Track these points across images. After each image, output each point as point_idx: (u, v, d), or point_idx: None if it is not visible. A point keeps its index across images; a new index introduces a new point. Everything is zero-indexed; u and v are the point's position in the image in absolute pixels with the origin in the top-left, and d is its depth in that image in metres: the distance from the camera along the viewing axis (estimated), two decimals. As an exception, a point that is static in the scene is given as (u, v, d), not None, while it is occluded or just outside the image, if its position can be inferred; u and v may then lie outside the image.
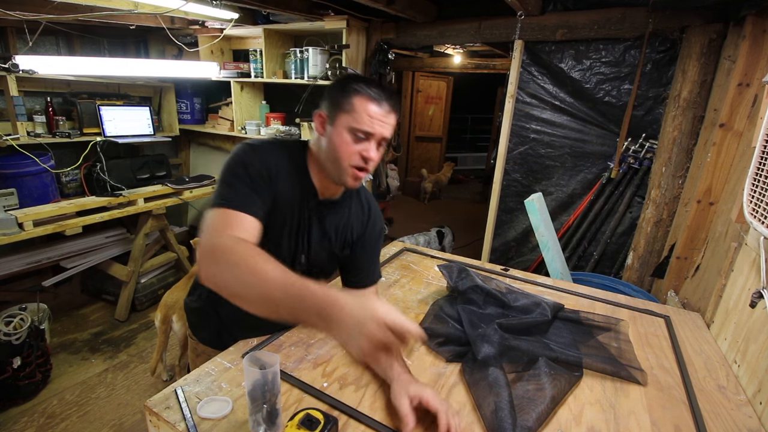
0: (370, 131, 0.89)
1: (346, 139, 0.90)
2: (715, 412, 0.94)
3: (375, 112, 0.89)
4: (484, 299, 1.28)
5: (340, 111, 0.90)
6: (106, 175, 2.73)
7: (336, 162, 0.93)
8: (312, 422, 0.74)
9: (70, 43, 3.03)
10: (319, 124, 0.96)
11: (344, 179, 0.94)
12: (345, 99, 0.90)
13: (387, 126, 0.92)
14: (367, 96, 0.89)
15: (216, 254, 0.75)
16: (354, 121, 0.89)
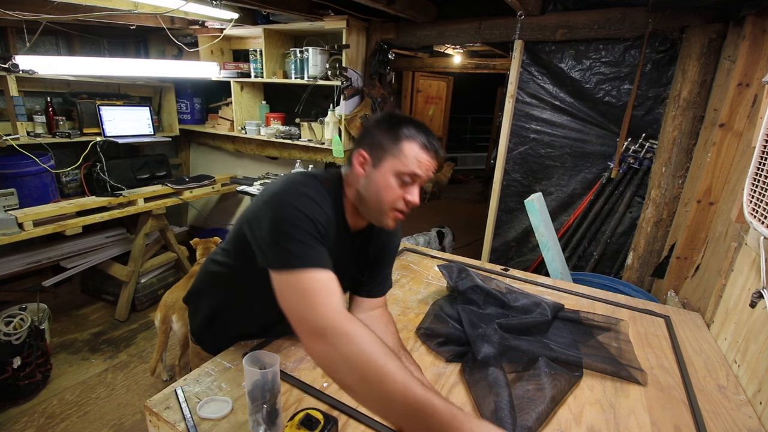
0: (418, 174, 0.88)
1: (391, 184, 0.88)
2: (715, 412, 0.94)
3: (425, 159, 0.88)
4: (484, 299, 1.28)
5: (387, 155, 0.88)
6: (106, 175, 2.73)
7: (378, 205, 0.90)
8: (312, 422, 0.74)
9: (70, 43, 3.03)
10: (359, 164, 0.91)
11: (384, 222, 0.92)
12: (394, 143, 0.88)
13: (432, 171, 0.91)
14: (418, 142, 0.88)
15: (330, 339, 0.69)
16: (402, 165, 0.87)
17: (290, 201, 0.80)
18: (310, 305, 0.71)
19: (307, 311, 0.71)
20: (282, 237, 0.76)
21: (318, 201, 0.83)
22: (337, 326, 0.69)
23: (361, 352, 0.67)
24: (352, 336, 0.68)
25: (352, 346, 0.67)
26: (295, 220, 0.78)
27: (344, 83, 2.66)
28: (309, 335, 0.71)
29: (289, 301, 0.74)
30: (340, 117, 2.77)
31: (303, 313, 0.72)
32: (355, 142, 0.95)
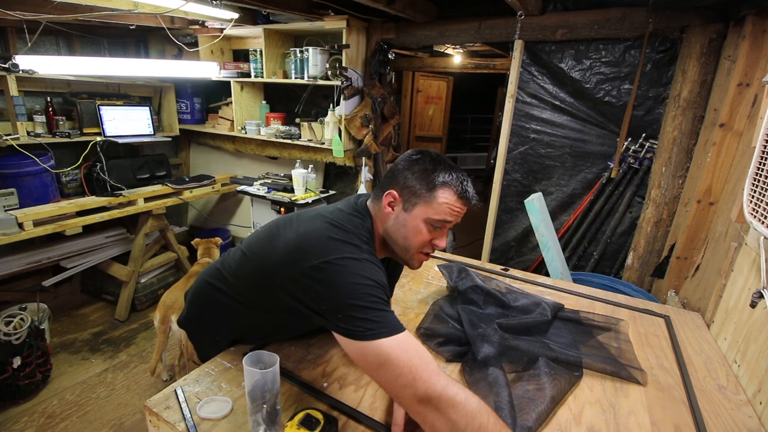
0: (450, 221, 0.87)
1: (421, 230, 0.87)
2: (715, 412, 0.94)
3: (458, 207, 0.87)
4: (484, 299, 1.28)
5: (420, 200, 0.86)
6: (106, 175, 2.73)
7: (405, 249, 0.90)
8: (312, 422, 0.74)
9: (70, 43, 3.03)
10: (388, 204, 0.90)
11: (409, 263, 0.93)
12: (428, 190, 0.86)
13: (461, 216, 0.90)
14: (453, 190, 0.86)
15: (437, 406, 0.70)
16: (435, 213, 0.86)
17: (355, 271, 0.77)
18: (411, 374, 0.70)
19: (408, 380, 0.70)
20: (358, 309, 0.74)
21: (375, 262, 0.82)
22: (442, 394, 0.70)
23: (470, 418, 0.68)
24: (458, 403, 0.69)
25: (460, 413, 0.69)
26: (368, 290, 0.76)
27: (344, 83, 2.66)
28: (416, 404, 0.71)
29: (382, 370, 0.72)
30: (340, 117, 2.77)
31: (402, 382, 0.71)
32: (386, 180, 0.92)
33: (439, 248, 0.90)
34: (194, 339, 1.16)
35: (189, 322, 1.15)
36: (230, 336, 1.07)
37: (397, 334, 0.73)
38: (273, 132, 3.07)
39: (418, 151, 0.92)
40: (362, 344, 0.73)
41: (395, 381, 0.71)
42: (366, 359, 0.74)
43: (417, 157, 0.90)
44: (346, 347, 0.76)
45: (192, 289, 1.15)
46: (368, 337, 0.72)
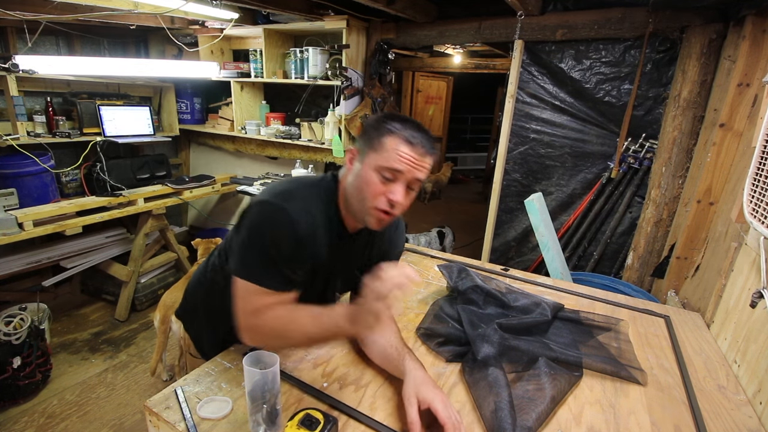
0: (398, 169, 0.83)
1: (373, 179, 0.85)
2: (715, 412, 0.94)
3: (406, 153, 0.83)
4: (484, 299, 1.28)
5: (370, 149, 0.86)
6: (106, 175, 2.73)
7: (361, 202, 0.87)
8: (312, 422, 0.74)
9: (70, 43, 3.03)
10: (348, 159, 0.91)
11: (368, 220, 0.88)
12: (377, 138, 0.85)
13: (420, 169, 0.85)
14: (400, 136, 0.84)
15: (259, 334, 0.86)
16: (383, 160, 0.84)
17: (267, 215, 0.85)
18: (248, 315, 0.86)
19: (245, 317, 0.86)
20: (246, 248, 0.86)
21: (294, 220, 0.84)
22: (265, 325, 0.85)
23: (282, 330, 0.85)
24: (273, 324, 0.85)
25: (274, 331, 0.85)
26: (262, 238, 0.84)
27: (344, 83, 2.66)
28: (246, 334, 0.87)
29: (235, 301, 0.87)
30: (340, 117, 2.77)
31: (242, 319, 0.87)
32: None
33: (395, 202, 0.85)
34: (190, 329, 1.18)
35: (185, 312, 1.19)
36: (223, 320, 1.07)
37: (259, 284, 0.84)
38: (273, 132, 3.07)
39: (384, 112, 0.94)
40: (235, 278, 0.87)
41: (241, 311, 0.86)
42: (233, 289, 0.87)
43: (379, 115, 0.93)
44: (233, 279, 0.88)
45: (190, 280, 1.19)
46: (239, 275, 0.86)
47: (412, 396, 0.81)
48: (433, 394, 0.81)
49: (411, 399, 0.81)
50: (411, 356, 0.92)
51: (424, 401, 0.80)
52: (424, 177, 0.87)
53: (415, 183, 0.87)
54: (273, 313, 0.85)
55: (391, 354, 0.94)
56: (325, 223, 0.91)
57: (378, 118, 0.90)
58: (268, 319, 0.85)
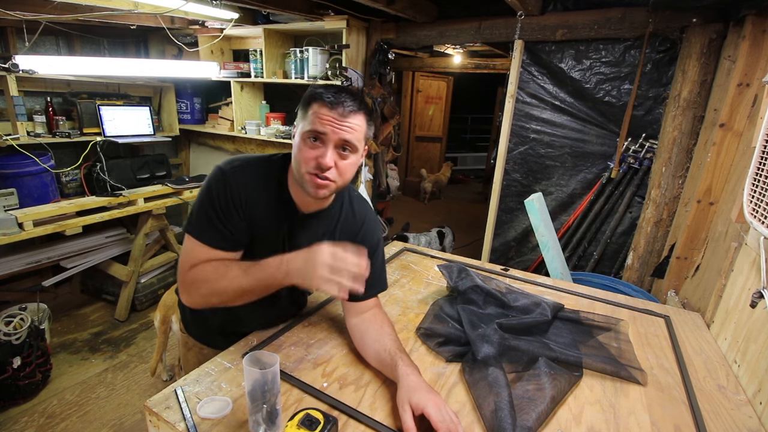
0: (320, 131, 0.85)
1: (301, 145, 0.88)
2: (715, 412, 0.94)
3: (326, 114, 0.85)
4: (484, 299, 1.28)
5: (300, 120, 0.90)
6: (106, 175, 2.72)
7: (297, 171, 0.90)
8: (312, 422, 0.74)
9: (70, 43, 3.03)
10: (293, 136, 0.95)
11: (307, 188, 0.90)
12: (304, 106, 0.89)
13: (344, 129, 0.86)
14: (322, 99, 0.86)
15: (191, 289, 0.92)
16: (307, 124, 0.86)
17: (208, 179, 0.93)
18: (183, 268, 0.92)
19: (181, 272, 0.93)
20: (195, 206, 0.94)
21: (236, 176, 0.92)
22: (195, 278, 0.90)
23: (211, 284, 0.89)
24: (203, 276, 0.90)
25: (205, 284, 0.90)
26: (204, 196, 0.92)
27: (344, 83, 2.66)
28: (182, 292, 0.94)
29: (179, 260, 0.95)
30: (340, 117, 2.76)
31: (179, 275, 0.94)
32: None
33: (325, 166, 0.86)
34: (181, 306, 1.23)
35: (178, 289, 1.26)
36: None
37: (198, 239, 0.91)
38: (273, 132, 3.07)
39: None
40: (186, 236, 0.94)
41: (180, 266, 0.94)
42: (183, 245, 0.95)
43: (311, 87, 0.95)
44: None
45: None
46: (186, 230, 0.94)
47: (405, 402, 0.81)
48: (426, 399, 0.80)
49: (405, 406, 0.81)
50: (405, 361, 0.91)
51: (417, 407, 0.80)
52: (352, 137, 0.87)
53: (346, 145, 0.88)
54: (206, 266, 0.90)
55: (384, 359, 0.94)
56: (272, 195, 0.96)
57: (309, 88, 0.93)
58: (200, 271, 0.89)
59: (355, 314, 1.07)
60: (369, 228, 1.09)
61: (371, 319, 1.05)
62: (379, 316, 1.06)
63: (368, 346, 1.00)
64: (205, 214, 0.91)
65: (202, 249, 0.92)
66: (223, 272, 0.88)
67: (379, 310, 1.08)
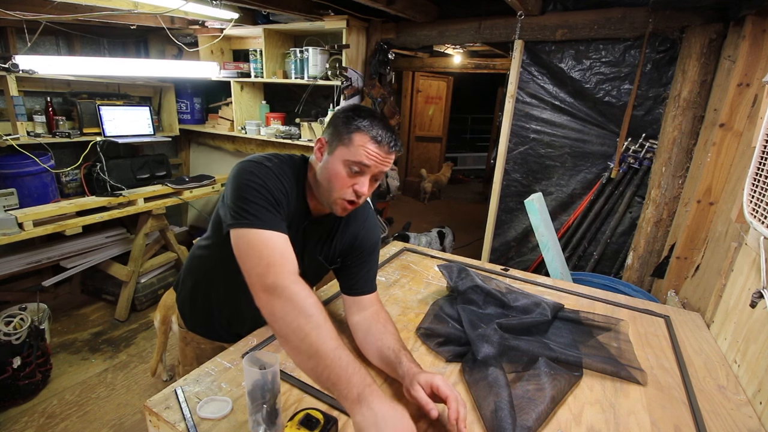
0: (366, 163, 0.88)
1: (340, 172, 0.90)
2: (715, 412, 0.94)
3: (373, 151, 0.88)
4: (484, 299, 1.28)
5: (339, 143, 0.90)
6: (106, 175, 2.72)
7: (329, 191, 0.92)
8: (312, 422, 0.74)
9: (70, 43, 3.03)
10: (317, 149, 0.95)
11: (334, 208, 0.94)
12: (346, 133, 0.89)
13: (385, 163, 0.91)
14: (368, 135, 0.88)
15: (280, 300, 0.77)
16: (350, 154, 0.88)
17: (251, 169, 0.88)
18: (266, 266, 0.79)
19: (262, 269, 0.79)
20: (242, 200, 0.84)
21: (278, 174, 0.90)
22: (286, 287, 0.78)
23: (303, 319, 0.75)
24: (296, 299, 0.77)
25: (295, 312, 0.76)
26: (254, 186, 0.86)
27: (344, 83, 2.66)
28: (261, 291, 0.79)
29: (245, 256, 0.82)
30: (340, 117, 2.76)
31: (257, 270, 0.80)
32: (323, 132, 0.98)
33: (362, 194, 0.91)
34: (178, 300, 1.28)
35: (177, 282, 1.29)
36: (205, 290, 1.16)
37: (267, 230, 0.82)
38: (273, 132, 3.07)
39: (353, 104, 0.96)
40: (237, 230, 0.83)
41: (253, 269, 0.80)
42: (237, 244, 0.83)
43: (347, 107, 0.94)
44: (230, 233, 0.84)
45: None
46: (242, 225, 0.82)
47: (414, 383, 0.82)
48: (431, 376, 0.83)
49: (414, 386, 0.82)
50: (408, 357, 0.92)
51: (426, 384, 0.81)
52: (386, 171, 0.93)
53: (380, 175, 0.93)
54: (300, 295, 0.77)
55: (388, 356, 0.95)
56: (295, 197, 0.96)
57: (347, 113, 0.92)
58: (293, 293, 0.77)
59: (357, 311, 1.08)
60: (370, 227, 1.12)
61: (374, 317, 1.05)
62: (381, 314, 1.07)
63: (371, 344, 1.00)
64: (264, 200, 0.85)
65: (277, 237, 0.83)
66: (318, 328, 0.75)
67: (380, 308, 1.09)
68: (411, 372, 0.86)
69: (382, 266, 1.64)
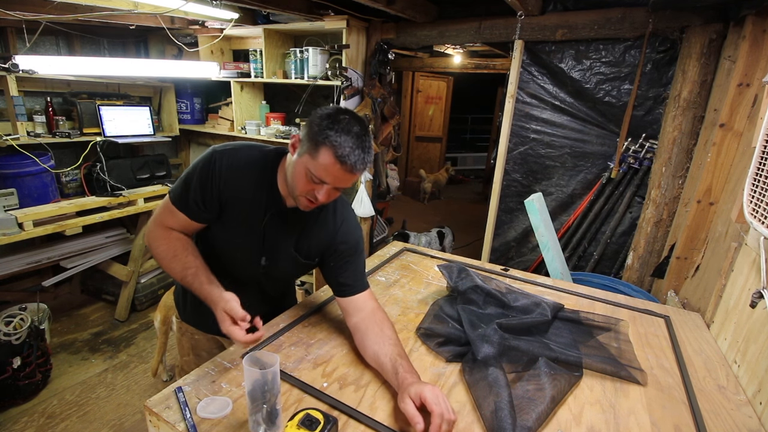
0: (325, 180, 0.89)
1: (302, 176, 0.91)
2: (715, 412, 0.94)
3: (335, 171, 0.87)
4: (484, 299, 1.28)
5: (307, 150, 0.89)
6: (106, 175, 2.72)
7: (292, 188, 0.95)
8: (312, 422, 0.74)
9: (70, 43, 3.03)
10: (291, 144, 0.96)
11: (297, 203, 0.97)
12: (315, 143, 0.87)
13: (346, 183, 0.91)
14: (334, 154, 0.85)
15: (151, 243, 1.05)
16: (313, 166, 0.88)
17: (199, 163, 1.00)
18: (154, 221, 1.06)
19: (151, 221, 1.07)
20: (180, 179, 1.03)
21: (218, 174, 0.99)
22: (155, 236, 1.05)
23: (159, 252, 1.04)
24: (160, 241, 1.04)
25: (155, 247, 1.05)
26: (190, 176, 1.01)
27: (344, 83, 2.66)
28: (146, 236, 1.08)
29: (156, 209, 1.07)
30: (340, 117, 2.76)
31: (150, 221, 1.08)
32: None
33: (319, 201, 0.94)
34: (174, 292, 1.38)
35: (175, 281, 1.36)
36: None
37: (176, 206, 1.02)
38: (273, 132, 3.07)
39: (335, 108, 0.94)
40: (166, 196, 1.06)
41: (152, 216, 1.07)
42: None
43: (328, 111, 0.92)
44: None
45: None
46: (169, 193, 1.05)
47: (405, 396, 0.82)
48: (423, 387, 0.83)
49: (405, 399, 0.82)
50: (405, 367, 0.91)
51: (416, 395, 0.81)
52: (348, 185, 0.94)
53: (342, 188, 0.95)
54: (169, 239, 1.03)
55: (384, 364, 0.95)
56: (262, 188, 1.02)
57: (322, 121, 0.88)
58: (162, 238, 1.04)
59: (353, 313, 1.08)
60: (349, 227, 1.12)
61: (370, 319, 1.05)
62: (378, 315, 1.06)
63: (369, 348, 1.00)
64: (184, 182, 1.01)
65: (171, 209, 1.02)
66: (170, 259, 1.02)
67: (377, 309, 1.08)
68: (405, 383, 0.86)
69: (382, 266, 1.64)
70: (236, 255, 1.10)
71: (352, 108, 2.78)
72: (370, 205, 2.95)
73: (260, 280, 1.15)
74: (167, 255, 1.02)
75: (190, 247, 1.05)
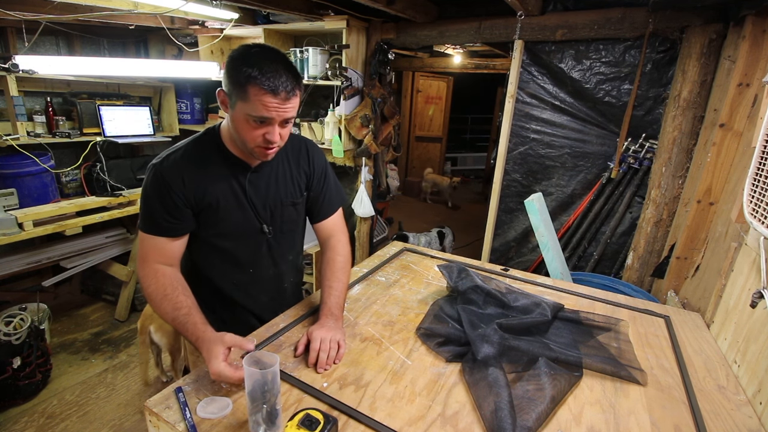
0: (267, 117, 0.89)
1: (246, 126, 0.91)
2: (715, 412, 0.94)
3: (270, 101, 0.87)
4: (484, 299, 1.28)
5: (237, 98, 0.89)
6: (106, 175, 2.73)
7: (243, 144, 0.96)
8: (312, 422, 0.74)
9: (70, 43, 3.03)
10: (221, 103, 0.96)
11: (256, 157, 0.99)
12: (240, 85, 0.87)
13: (287, 110, 0.91)
14: (262, 87, 0.86)
15: (140, 280, 1.03)
16: (250, 109, 0.88)
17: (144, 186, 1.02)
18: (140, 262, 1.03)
19: (138, 264, 1.04)
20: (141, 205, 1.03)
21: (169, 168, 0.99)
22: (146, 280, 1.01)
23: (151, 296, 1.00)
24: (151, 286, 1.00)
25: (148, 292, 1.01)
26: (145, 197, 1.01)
27: (344, 83, 2.66)
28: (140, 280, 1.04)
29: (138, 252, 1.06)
30: (340, 117, 2.77)
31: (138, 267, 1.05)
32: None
33: (273, 142, 0.93)
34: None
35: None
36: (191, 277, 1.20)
37: (149, 233, 1.01)
38: (273, 132, 3.07)
39: (243, 46, 0.92)
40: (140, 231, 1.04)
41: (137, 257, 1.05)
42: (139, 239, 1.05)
43: (237, 51, 0.91)
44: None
45: None
46: (139, 228, 1.03)
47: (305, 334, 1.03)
48: (317, 331, 1.01)
49: (303, 337, 1.04)
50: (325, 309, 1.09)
51: (309, 333, 1.03)
52: (293, 113, 0.93)
53: (289, 119, 0.94)
54: (158, 280, 0.99)
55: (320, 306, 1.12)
56: (223, 164, 1.03)
57: (235, 61, 0.89)
58: (151, 279, 1.00)
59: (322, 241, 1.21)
60: (314, 151, 1.19)
61: (331, 255, 1.18)
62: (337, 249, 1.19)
63: (321, 282, 1.17)
64: (146, 209, 1.00)
65: (148, 240, 1.01)
66: (161, 301, 0.98)
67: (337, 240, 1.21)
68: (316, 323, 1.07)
69: (382, 266, 1.64)
70: (239, 234, 1.11)
71: (351, 108, 2.78)
72: (370, 205, 2.95)
73: (272, 254, 1.18)
74: (157, 295, 0.99)
75: (180, 286, 1.01)
